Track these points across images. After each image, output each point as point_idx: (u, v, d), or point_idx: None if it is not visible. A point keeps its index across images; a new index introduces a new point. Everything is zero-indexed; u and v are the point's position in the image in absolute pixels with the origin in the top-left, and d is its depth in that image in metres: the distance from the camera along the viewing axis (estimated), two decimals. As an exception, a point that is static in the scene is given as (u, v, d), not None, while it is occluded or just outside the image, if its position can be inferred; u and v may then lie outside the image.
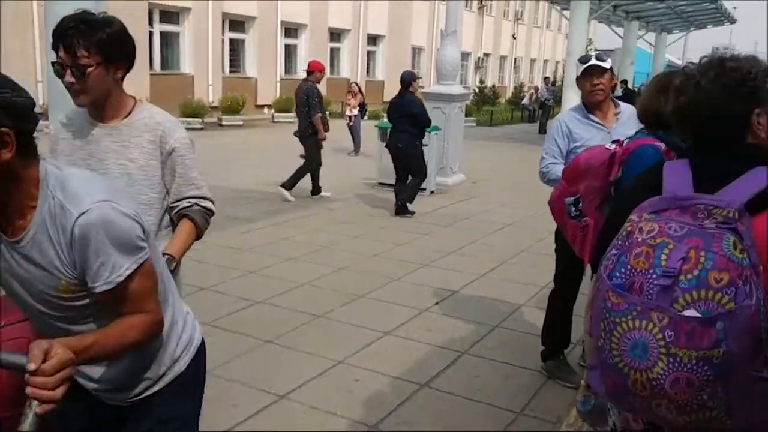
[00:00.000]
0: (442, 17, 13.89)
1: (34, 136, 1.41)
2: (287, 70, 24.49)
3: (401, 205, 8.07)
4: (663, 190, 1.46)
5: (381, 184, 9.79)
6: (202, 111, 18.42)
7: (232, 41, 22.25)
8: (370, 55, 29.06)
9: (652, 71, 24.67)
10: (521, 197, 9.15)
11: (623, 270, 1.35)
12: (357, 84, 15.76)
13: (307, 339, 4.22)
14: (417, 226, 7.61)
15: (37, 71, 14.90)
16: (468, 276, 5.69)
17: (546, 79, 25.66)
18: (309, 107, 8.47)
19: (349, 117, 14.22)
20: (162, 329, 1.61)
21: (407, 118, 7.95)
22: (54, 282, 1.45)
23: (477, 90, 29.39)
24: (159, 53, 19.66)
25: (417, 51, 31.65)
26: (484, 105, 27.65)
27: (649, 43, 27.96)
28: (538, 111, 24.21)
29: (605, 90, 3.49)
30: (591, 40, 30.21)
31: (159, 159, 2.19)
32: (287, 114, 21.21)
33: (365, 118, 15.64)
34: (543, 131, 19.60)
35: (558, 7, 21.48)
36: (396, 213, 8.08)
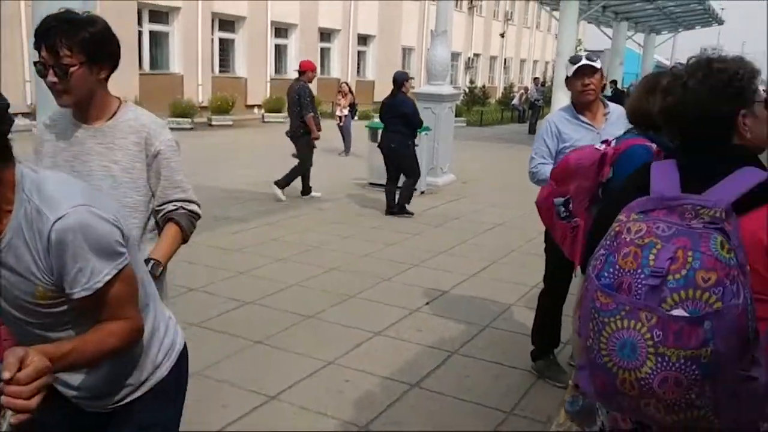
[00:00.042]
0: (432, 17, 13.91)
1: (9, 137, 1.37)
2: (277, 70, 24.46)
3: (400, 207, 8.09)
4: (650, 190, 1.47)
5: (371, 184, 9.79)
6: (191, 111, 18.34)
7: (221, 41, 22.18)
8: (360, 55, 29.05)
9: (641, 72, 24.80)
10: (511, 197, 9.17)
11: (612, 270, 1.36)
12: (347, 84, 15.74)
13: (298, 339, 4.21)
14: (407, 226, 7.61)
15: (25, 71, 14.81)
16: (458, 276, 5.70)
17: (536, 80, 25.75)
18: (301, 107, 8.46)
19: (340, 117, 14.20)
20: (142, 336, 1.59)
21: (399, 118, 7.96)
22: (30, 288, 1.42)
23: (467, 90, 29.43)
24: (148, 53, 19.57)
25: (407, 51, 31.68)
26: (474, 105, 27.69)
27: (638, 44, 28.13)
28: (527, 111, 24.28)
29: (596, 90, 3.50)
30: (580, 40, 30.33)
31: (144, 161, 2.15)
32: (277, 114, 21.19)
33: (355, 118, 15.63)
34: (533, 131, 19.64)
35: (547, 8, 21.58)
36: (392, 213, 8.08)
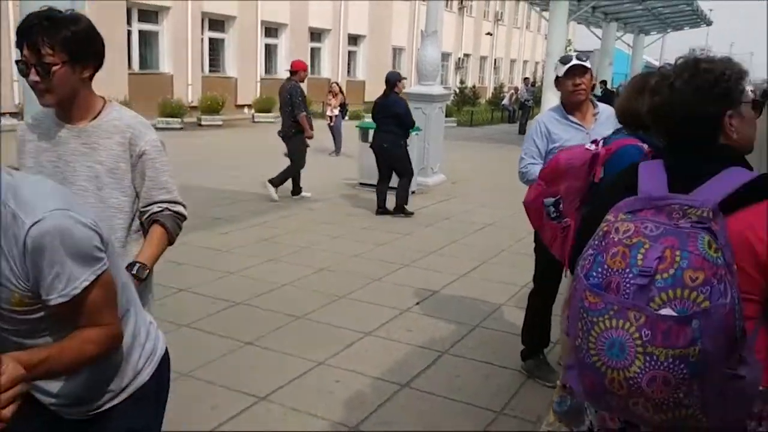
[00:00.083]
0: (422, 17, 13.90)
1: None
2: (267, 69, 24.42)
3: (399, 208, 8.14)
4: (638, 190, 1.48)
5: (362, 184, 9.78)
6: (181, 111, 18.28)
7: (211, 41, 22.13)
8: (350, 55, 29.05)
9: (630, 72, 24.89)
10: (501, 197, 9.18)
11: (600, 270, 1.36)
12: (338, 84, 15.72)
13: (288, 340, 4.20)
14: (398, 226, 7.61)
15: (13, 70, 14.62)
16: (448, 276, 5.71)
17: (526, 80, 25.81)
18: (293, 106, 8.46)
19: (330, 117, 14.18)
20: (121, 342, 1.56)
21: (392, 118, 7.98)
22: (6, 294, 1.38)
23: (457, 90, 29.50)
24: (137, 52, 19.50)
25: (398, 51, 31.70)
26: (464, 105, 27.75)
27: (628, 44, 28.25)
28: (518, 111, 24.34)
29: (587, 90, 3.50)
30: (570, 41, 30.42)
31: (129, 162, 2.13)
32: (267, 114, 21.16)
33: (346, 118, 15.61)
34: (523, 132, 19.69)
35: (537, 8, 21.65)
36: (382, 213, 8.11)
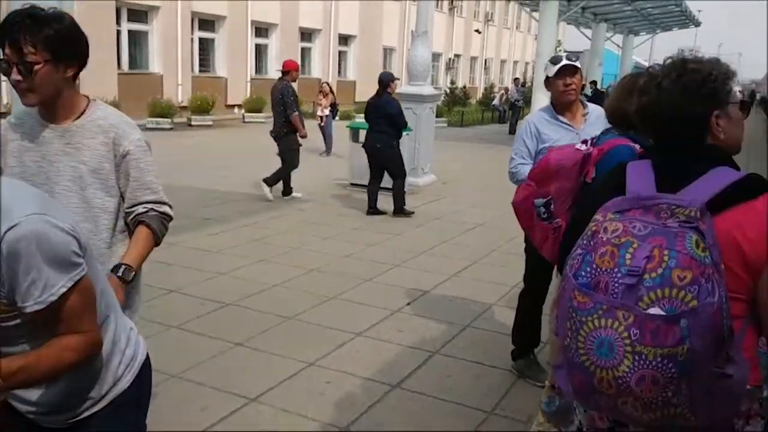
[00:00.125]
0: (413, 18, 13.91)
1: None
2: (258, 69, 24.35)
3: (399, 209, 8.17)
4: (626, 190, 1.48)
5: (353, 184, 9.77)
6: (171, 111, 18.20)
7: (201, 40, 22.04)
8: (341, 55, 29.01)
9: (619, 72, 25.05)
10: (492, 197, 9.19)
11: (589, 269, 1.37)
12: (328, 84, 15.70)
13: (278, 341, 4.19)
14: (388, 226, 7.61)
15: None
16: (439, 276, 5.71)
17: (516, 80, 25.88)
18: (285, 106, 8.45)
19: (321, 117, 14.15)
20: (100, 349, 1.53)
21: (384, 118, 7.98)
22: None
23: (448, 91, 29.54)
24: (127, 52, 19.39)
25: (388, 51, 31.69)
26: (455, 106, 27.79)
27: (617, 45, 28.41)
28: (508, 112, 24.39)
29: (577, 90, 3.51)
30: (560, 41, 30.55)
31: (113, 162, 2.11)
32: (258, 114, 21.10)
33: (336, 118, 15.58)
34: (513, 132, 19.72)
35: (527, 9, 21.73)
36: (373, 214, 8.11)
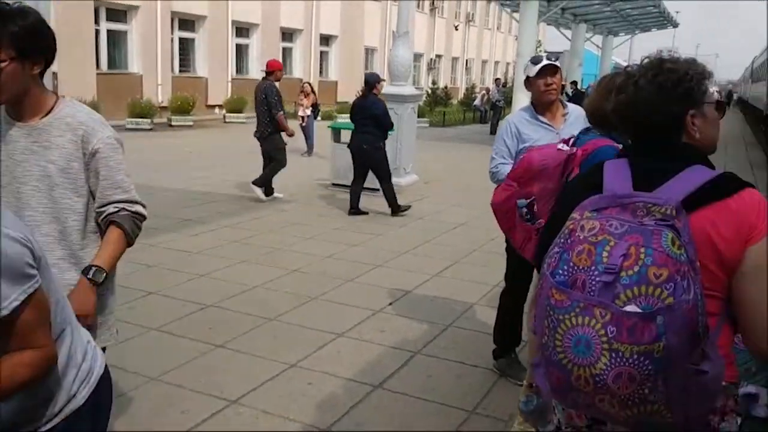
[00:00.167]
0: (394, 18, 13.93)
1: None
2: (239, 69, 24.24)
3: (394, 209, 8.21)
4: (603, 188, 1.49)
5: (334, 184, 9.76)
6: (151, 111, 18.06)
7: (181, 40, 21.88)
8: (322, 56, 28.95)
9: (599, 73, 25.27)
10: (473, 197, 9.22)
11: (566, 267, 1.37)
12: (310, 84, 15.65)
13: (259, 342, 4.17)
14: (370, 226, 7.60)
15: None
16: (421, 276, 5.72)
17: (497, 81, 26.00)
18: (269, 106, 8.42)
19: (302, 117, 14.11)
20: (55, 364, 1.47)
21: (370, 119, 7.99)
22: None
23: (429, 91, 29.63)
24: (106, 52, 19.20)
25: (370, 51, 31.68)
26: (436, 106, 27.88)
27: (597, 46, 28.68)
28: (489, 112, 24.49)
29: (558, 89, 3.53)
30: (540, 41, 30.79)
31: (82, 160, 2.06)
32: (239, 114, 21.01)
33: (318, 118, 15.55)
34: (494, 132, 19.68)
35: (508, 9, 21.84)
36: (355, 213, 8.12)
